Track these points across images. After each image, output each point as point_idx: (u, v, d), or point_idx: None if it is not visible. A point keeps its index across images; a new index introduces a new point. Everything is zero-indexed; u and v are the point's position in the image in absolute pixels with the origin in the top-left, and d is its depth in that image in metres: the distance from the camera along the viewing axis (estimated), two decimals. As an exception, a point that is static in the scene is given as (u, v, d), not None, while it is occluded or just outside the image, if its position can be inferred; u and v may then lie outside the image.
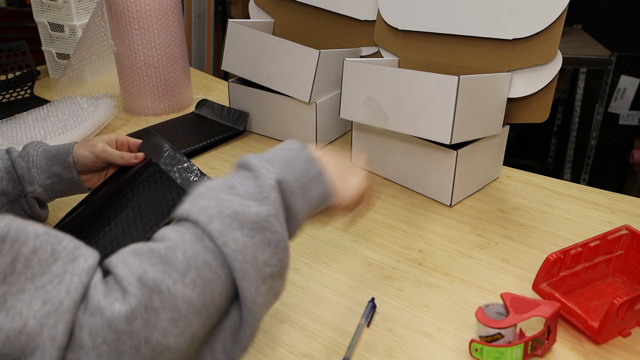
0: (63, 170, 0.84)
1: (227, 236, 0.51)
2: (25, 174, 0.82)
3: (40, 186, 0.83)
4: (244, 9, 3.28)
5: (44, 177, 0.83)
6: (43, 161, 0.83)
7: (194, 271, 0.49)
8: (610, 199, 1.03)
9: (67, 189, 0.86)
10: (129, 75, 1.34)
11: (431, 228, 0.94)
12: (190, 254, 0.49)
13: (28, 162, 0.83)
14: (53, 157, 0.84)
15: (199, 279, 0.49)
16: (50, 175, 0.83)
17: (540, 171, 1.19)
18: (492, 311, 0.69)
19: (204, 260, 0.50)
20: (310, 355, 0.69)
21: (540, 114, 1.00)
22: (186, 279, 0.48)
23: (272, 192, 0.55)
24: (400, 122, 0.96)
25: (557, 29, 0.94)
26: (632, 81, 2.38)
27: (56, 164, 0.83)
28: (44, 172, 0.83)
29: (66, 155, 0.84)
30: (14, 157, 0.83)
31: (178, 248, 0.49)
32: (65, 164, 0.84)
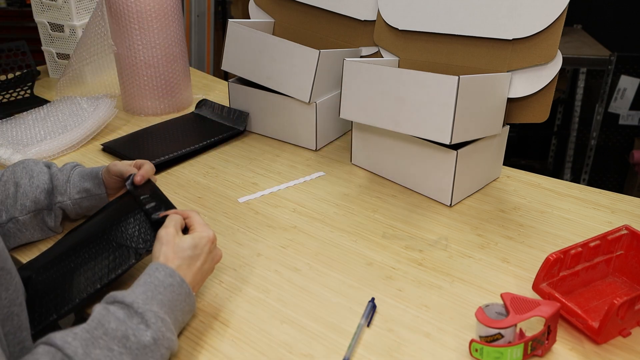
0: (93, 186, 0.89)
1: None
2: (60, 185, 0.88)
3: (69, 199, 0.88)
4: (244, 9, 3.28)
5: (75, 191, 0.88)
6: (77, 178, 0.89)
7: None
8: (610, 199, 1.03)
9: (94, 205, 0.90)
10: (129, 75, 1.34)
11: (431, 228, 0.94)
12: None
13: (64, 175, 0.89)
14: (86, 175, 0.89)
15: None
16: (80, 190, 0.89)
17: (540, 171, 1.19)
18: (492, 311, 0.69)
19: None
20: (310, 355, 0.69)
21: (540, 114, 1.00)
22: None
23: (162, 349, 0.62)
24: (400, 122, 0.96)
25: (557, 29, 0.94)
26: (632, 81, 2.38)
27: (88, 180, 0.89)
28: (75, 187, 0.88)
29: (97, 172, 0.89)
30: (54, 171, 0.89)
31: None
32: (95, 180, 0.89)
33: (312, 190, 1.05)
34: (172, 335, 0.64)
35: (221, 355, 0.69)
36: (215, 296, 0.78)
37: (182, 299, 0.68)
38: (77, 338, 0.57)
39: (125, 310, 0.62)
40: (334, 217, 0.97)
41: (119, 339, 0.59)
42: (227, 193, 1.05)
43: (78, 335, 0.58)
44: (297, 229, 0.94)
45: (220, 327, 0.73)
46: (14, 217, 0.85)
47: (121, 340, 0.59)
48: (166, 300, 0.66)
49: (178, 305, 0.67)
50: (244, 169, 1.13)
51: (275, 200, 1.02)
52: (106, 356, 0.57)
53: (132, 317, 0.62)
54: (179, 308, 0.67)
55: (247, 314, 0.75)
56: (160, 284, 0.66)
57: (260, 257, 0.87)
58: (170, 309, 0.66)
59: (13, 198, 0.85)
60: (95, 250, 0.77)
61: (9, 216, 0.85)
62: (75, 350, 0.56)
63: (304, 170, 1.13)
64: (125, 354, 0.58)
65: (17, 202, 0.85)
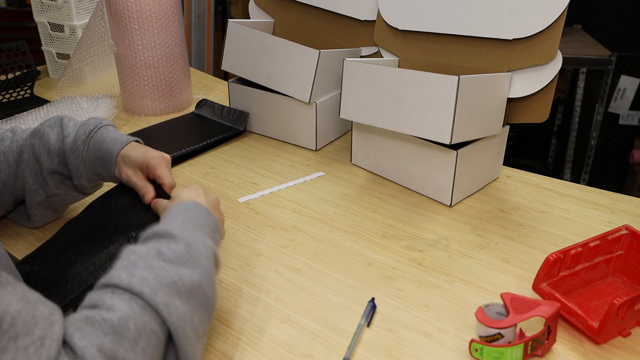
0: (105, 174, 0.84)
1: (170, 306, 0.56)
2: (74, 169, 0.84)
3: (86, 180, 0.85)
4: (244, 9, 3.28)
5: (91, 173, 0.85)
6: (92, 158, 0.84)
7: (144, 340, 0.54)
8: (610, 199, 1.03)
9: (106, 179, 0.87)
10: (129, 75, 1.34)
11: (431, 228, 0.94)
12: (140, 324, 0.54)
13: (77, 159, 0.83)
14: (101, 159, 0.83)
15: (148, 346, 0.54)
16: (95, 173, 0.85)
17: (540, 171, 1.19)
18: (492, 311, 0.69)
19: (151, 329, 0.55)
20: (310, 355, 0.69)
21: (540, 114, 1.00)
22: (138, 347, 0.54)
23: (204, 260, 0.62)
24: (400, 122, 0.96)
25: (557, 29, 0.94)
26: (632, 81, 2.38)
27: (101, 166, 0.84)
28: (90, 169, 0.84)
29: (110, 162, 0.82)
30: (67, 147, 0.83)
31: (129, 319, 0.54)
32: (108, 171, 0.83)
33: (312, 190, 1.05)
34: (206, 239, 0.64)
35: (221, 355, 0.69)
36: None
37: (203, 217, 0.67)
38: (117, 269, 0.58)
39: (150, 239, 0.63)
40: (334, 217, 0.97)
41: (155, 257, 0.59)
42: (227, 193, 1.05)
43: (117, 267, 0.59)
44: (297, 229, 0.94)
45: (220, 327, 0.73)
46: (52, 194, 0.86)
47: (157, 257, 0.59)
48: (188, 220, 0.66)
49: (202, 222, 0.67)
50: (244, 169, 1.13)
51: (275, 200, 1.02)
52: (150, 272, 0.57)
53: (159, 239, 0.62)
54: (203, 224, 0.67)
55: (247, 314, 0.75)
56: (175, 212, 0.67)
57: (260, 257, 0.87)
58: (194, 225, 0.65)
59: (41, 176, 0.84)
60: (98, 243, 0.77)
61: (47, 194, 0.86)
62: (120, 277, 0.57)
63: (304, 170, 1.13)
64: (167, 266, 0.59)
65: (48, 181, 0.85)
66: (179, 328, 0.56)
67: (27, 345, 0.47)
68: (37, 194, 0.86)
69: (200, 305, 0.60)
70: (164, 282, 0.57)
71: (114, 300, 0.55)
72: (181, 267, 0.59)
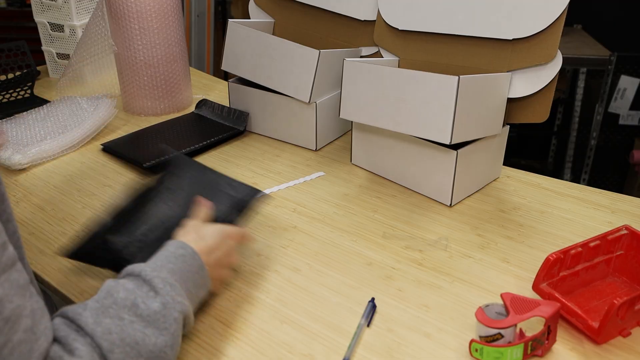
0: None
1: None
2: None
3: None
4: (244, 9, 3.28)
5: None
6: None
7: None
8: (610, 199, 1.03)
9: None
10: (129, 75, 1.34)
11: (431, 228, 0.94)
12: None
13: None
14: None
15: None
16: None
17: (540, 171, 1.19)
18: (492, 311, 0.69)
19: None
20: (310, 355, 0.69)
21: (540, 114, 1.00)
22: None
23: (174, 324, 0.61)
24: (400, 122, 0.96)
25: (557, 29, 0.94)
26: (632, 81, 2.38)
27: None
28: None
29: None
30: None
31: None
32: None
33: (312, 190, 1.05)
34: (184, 300, 0.64)
35: (221, 355, 0.69)
36: (215, 296, 0.78)
37: (194, 271, 0.67)
38: (87, 309, 0.58)
39: (134, 281, 0.62)
40: (334, 217, 0.97)
41: (129, 308, 0.59)
42: (227, 193, 1.05)
43: (88, 306, 0.59)
44: (297, 229, 0.94)
45: (220, 327, 0.73)
46: None
47: (131, 308, 0.59)
48: (177, 269, 0.66)
49: (190, 277, 0.67)
50: (244, 169, 1.13)
51: (275, 200, 1.02)
52: (116, 325, 0.57)
53: (141, 287, 0.62)
54: (190, 279, 0.67)
55: (247, 314, 0.75)
56: (171, 254, 0.67)
57: (260, 257, 0.87)
58: (181, 277, 0.65)
59: None
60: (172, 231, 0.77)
61: None
62: (86, 321, 0.57)
63: (304, 170, 1.13)
64: (136, 321, 0.59)
65: None
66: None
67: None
68: None
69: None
70: (125, 340, 0.57)
71: (77, 344, 0.55)
72: (149, 327, 0.59)
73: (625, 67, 2.37)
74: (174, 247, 0.69)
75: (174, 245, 0.69)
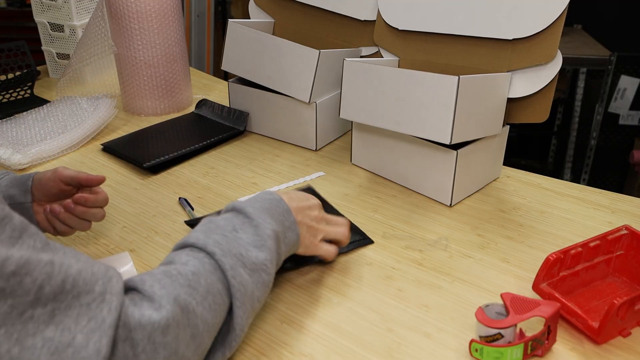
0: (19, 193, 0.80)
1: (235, 271, 0.62)
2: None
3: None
4: (244, 9, 3.28)
5: None
6: (5, 183, 0.81)
7: (211, 297, 0.59)
8: (610, 199, 1.03)
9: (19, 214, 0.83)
10: (129, 75, 1.34)
11: (431, 228, 0.94)
12: (209, 281, 0.60)
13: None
14: (15, 180, 0.81)
15: (214, 303, 0.60)
16: (6, 197, 0.80)
17: (540, 171, 1.19)
18: (492, 311, 0.69)
19: (218, 288, 0.61)
20: (310, 355, 0.69)
21: (540, 114, 1.00)
22: (206, 302, 0.59)
23: (269, 240, 0.67)
24: (400, 122, 0.96)
25: (557, 29, 0.94)
26: (632, 81, 2.38)
27: (15, 186, 0.80)
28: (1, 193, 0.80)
29: (27, 179, 0.81)
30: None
31: (201, 275, 0.60)
32: (23, 186, 0.80)
33: (312, 190, 1.05)
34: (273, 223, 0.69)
35: (221, 355, 0.69)
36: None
37: (279, 212, 0.71)
38: (196, 231, 0.66)
39: (230, 212, 0.70)
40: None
41: (230, 230, 0.66)
42: (227, 193, 1.05)
43: (197, 229, 0.66)
44: (297, 229, 0.93)
45: (220, 327, 0.73)
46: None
47: (232, 231, 0.66)
48: (265, 206, 0.71)
49: (276, 215, 0.71)
50: (244, 169, 1.13)
51: (275, 200, 1.02)
52: (223, 239, 0.64)
53: (237, 215, 0.68)
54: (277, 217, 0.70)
55: (247, 314, 0.75)
56: (258, 197, 0.73)
57: (260, 257, 0.87)
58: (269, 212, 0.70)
59: None
60: None
61: None
62: (196, 238, 0.64)
63: (304, 170, 1.13)
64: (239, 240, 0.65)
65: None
66: (238, 292, 0.61)
67: (90, 301, 0.50)
68: None
69: (260, 282, 0.65)
70: (232, 251, 0.63)
71: (188, 257, 0.61)
72: (250, 245, 0.65)
73: (625, 67, 2.37)
74: (263, 193, 0.74)
75: (263, 193, 0.74)
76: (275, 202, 0.72)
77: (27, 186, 0.81)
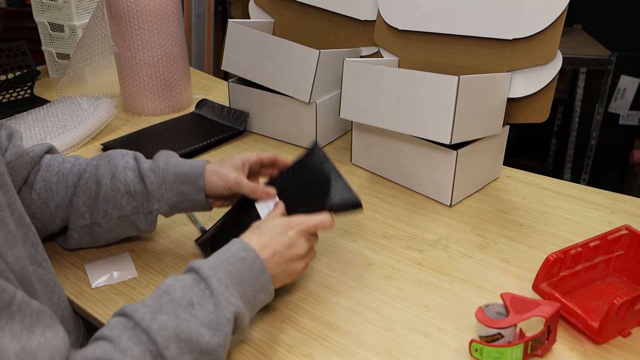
0: (192, 191, 0.80)
1: None
2: (155, 189, 0.79)
3: (167, 203, 0.80)
4: (244, 9, 3.28)
5: (172, 194, 0.80)
6: (173, 178, 0.79)
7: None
8: (610, 199, 1.03)
9: (191, 207, 0.82)
10: (129, 75, 1.34)
11: (431, 228, 0.94)
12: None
13: (159, 177, 0.79)
14: (184, 176, 0.79)
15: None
16: (178, 193, 0.80)
17: (540, 171, 1.19)
18: (492, 311, 0.69)
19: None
20: (310, 355, 0.69)
21: (540, 114, 1.00)
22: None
23: (227, 325, 0.62)
24: (400, 122, 0.96)
25: (557, 29, 0.94)
26: (632, 81, 2.38)
27: (186, 183, 0.79)
28: (172, 190, 0.79)
29: (197, 177, 0.80)
30: (144, 169, 0.80)
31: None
32: (195, 185, 0.80)
33: (312, 190, 1.05)
34: (237, 301, 0.63)
35: (221, 355, 0.69)
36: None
37: (253, 274, 0.66)
38: (145, 305, 0.60)
39: (192, 277, 0.63)
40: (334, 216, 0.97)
41: (185, 307, 0.60)
42: (227, 193, 1.04)
43: (146, 303, 0.60)
44: (297, 229, 0.93)
45: (220, 327, 0.73)
46: (96, 222, 0.80)
47: (187, 308, 0.60)
48: (234, 272, 0.65)
49: (248, 280, 0.66)
50: (244, 169, 1.13)
51: (275, 200, 1.02)
52: (172, 320, 0.59)
53: (198, 284, 0.63)
54: (248, 282, 0.66)
55: (247, 314, 0.75)
56: (232, 255, 0.66)
57: (260, 257, 0.87)
58: (238, 280, 0.65)
59: (94, 199, 0.79)
60: None
61: (92, 220, 0.80)
62: (142, 317, 0.58)
63: (304, 170, 1.13)
64: (192, 320, 0.60)
65: (99, 207, 0.79)
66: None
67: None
68: (82, 216, 0.80)
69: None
70: (180, 336, 0.58)
71: (129, 344, 0.56)
72: (204, 327, 0.60)
73: (625, 67, 2.37)
74: (237, 247, 0.68)
75: (237, 245, 0.68)
76: (249, 262, 0.67)
77: (199, 185, 0.79)
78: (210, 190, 0.80)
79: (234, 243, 0.68)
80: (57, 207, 0.80)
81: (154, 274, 0.83)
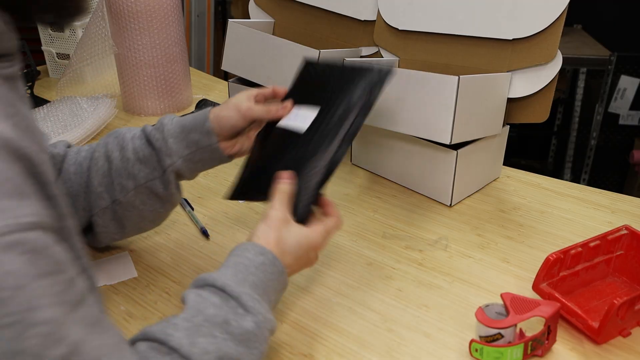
0: (201, 137, 0.76)
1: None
2: (163, 146, 0.75)
3: (179, 157, 0.76)
4: (244, 9, 3.28)
5: (182, 146, 0.76)
6: (179, 130, 0.76)
7: None
8: (610, 199, 1.03)
9: (207, 158, 0.78)
10: (129, 75, 1.34)
11: (431, 228, 0.94)
12: None
13: (163, 133, 0.76)
14: (190, 125, 0.76)
15: None
16: (188, 143, 0.76)
17: (540, 171, 1.19)
18: (492, 311, 0.69)
19: None
20: (310, 355, 0.69)
21: (540, 114, 1.00)
22: None
23: (264, 343, 0.59)
24: (400, 122, 0.96)
25: (557, 29, 0.94)
26: (632, 81, 2.38)
27: (194, 131, 0.76)
28: (181, 141, 0.76)
29: (203, 121, 0.76)
30: (149, 131, 0.77)
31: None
32: (203, 129, 0.76)
33: (312, 190, 1.05)
34: (272, 316, 0.61)
35: (221, 355, 0.69)
36: None
37: (274, 278, 0.63)
38: (179, 329, 0.54)
39: (219, 295, 0.59)
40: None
41: (220, 325, 0.56)
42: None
43: (179, 326, 0.55)
44: (297, 229, 0.93)
45: (220, 327, 0.73)
46: (116, 199, 0.77)
47: (222, 325, 0.56)
48: (258, 282, 0.61)
49: (271, 285, 0.63)
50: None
51: (275, 200, 1.02)
52: (211, 343, 0.54)
53: (227, 301, 0.58)
54: (271, 287, 0.63)
55: (247, 314, 0.75)
56: (251, 263, 0.62)
57: (260, 257, 0.87)
58: (264, 290, 0.62)
59: (108, 176, 0.76)
60: None
61: (111, 198, 0.77)
62: (180, 342, 0.53)
63: (304, 170, 1.13)
64: (229, 339, 0.56)
65: (114, 182, 0.76)
66: None
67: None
68: (101, 197, 0.77)
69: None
70: (223, 359, 0.54)
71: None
72: (241, 345, 0.56)
73: (625, 67, 2.37)
74: (253, 253, 0.63)
75: (253, 250, 0.63)
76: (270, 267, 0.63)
77: (207, 128, 0.76)
78: (222, 127, 0.77)
79: (249, 248, 0.64)
80: (76, 196, 0.77)
81: (154, 274, 0.83)
